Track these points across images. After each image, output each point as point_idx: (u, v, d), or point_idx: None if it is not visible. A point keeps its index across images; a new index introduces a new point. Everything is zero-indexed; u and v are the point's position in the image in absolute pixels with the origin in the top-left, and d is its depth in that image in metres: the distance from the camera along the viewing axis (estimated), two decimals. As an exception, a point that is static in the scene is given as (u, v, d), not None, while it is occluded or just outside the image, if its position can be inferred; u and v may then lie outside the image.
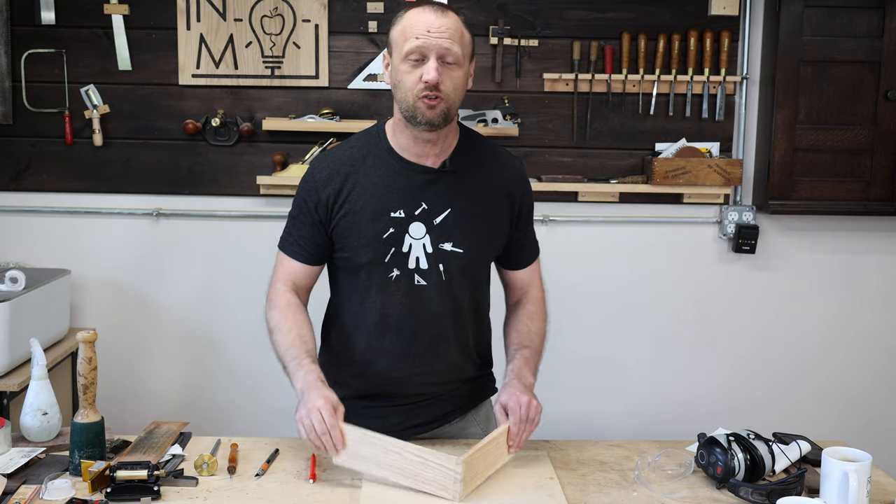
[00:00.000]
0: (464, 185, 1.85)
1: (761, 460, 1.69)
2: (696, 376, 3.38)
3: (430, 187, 1.83)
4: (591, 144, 3.24)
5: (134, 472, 1.61)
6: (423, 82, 1.71)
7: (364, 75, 3.19)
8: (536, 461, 1.79)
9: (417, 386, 1.91)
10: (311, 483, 1.69)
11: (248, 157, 3.21)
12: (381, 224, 1.81)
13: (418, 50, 1.72)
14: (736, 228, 3.27)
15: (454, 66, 1.74)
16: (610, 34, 3.20)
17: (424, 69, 1.72)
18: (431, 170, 1.83)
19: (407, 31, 1.74)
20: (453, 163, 1.85)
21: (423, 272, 1.83)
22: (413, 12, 1.76)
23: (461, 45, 1.75)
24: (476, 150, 1.90)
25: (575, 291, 3.29)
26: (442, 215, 1.82)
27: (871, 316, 3.38)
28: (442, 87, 1.72)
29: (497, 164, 1.91)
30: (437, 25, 1.72)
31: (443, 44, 1.72)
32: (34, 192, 3.22)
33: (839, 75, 3.15)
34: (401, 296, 1.84)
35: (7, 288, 2.74)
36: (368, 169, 1.83)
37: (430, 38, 1.71)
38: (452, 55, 1.73)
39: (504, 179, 1.90)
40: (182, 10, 3.13)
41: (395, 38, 1.77)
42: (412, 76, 1.73)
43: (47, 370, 1.88)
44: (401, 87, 1.75)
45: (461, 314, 1.90)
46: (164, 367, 3.31)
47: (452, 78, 1.74)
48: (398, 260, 1.82)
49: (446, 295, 1.86)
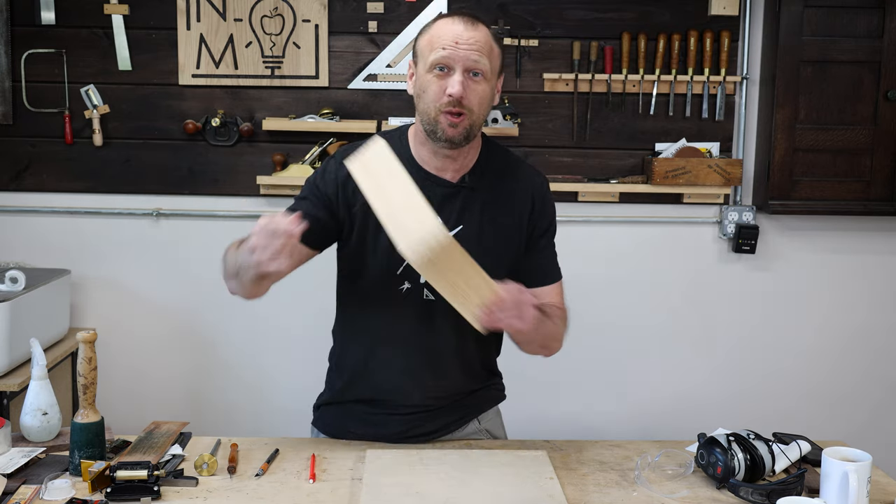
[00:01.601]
0: (480, 202, 1.81)
1: (761, 460, 1.69)
2: (696, 376, 3.38)
3: (447, 202, 1.79)
4: (591, 144, 3.24)
5: (134, 472, 1.61)
6: (448, 95, 1.67)
7: (364, 75, 3.19)
8: (536, 461, 1.79)
9: (419, 398, 1.89)
10: (311, 483, 1.69)
11: (248, 157, 3.21)
12: None
13: (444, 61, 1.67)
14: (736, 228, 3.27)
15: (481, 79, 1.69)
16: (610, 34, 3.20)
17: (449, 82, 1.67)
18: (450, 184, 1.79)
19: (434, 41, 1.69)
20: (472, 179, 1.80)
21: (432, 287, 1.77)
22: (442, 22, 1.71)
23: (490, 59, 1.70)
24: (497, 165, 1.84)
25: (575, 291, 3.26)
26: (454, 231, 1.78)
27: (872, 316, 3.38)
28: (466, 102, 1.68)
29: (517, 180, 1.85)
30: (466, 37, 1.67)
31: (471, 56, 1.67)
32: (34, 192, 3.22)
33: (839, 75, 3.15)
34: (409, 309, 1.81)
35: (7, 288, 2.74)
36: None
37: (458, 50, 1.66)
38: (480, 68, 1.68)
39: (522, 197, 1.84)
40: (182, 10, 3.13)
41: (421, 47, 1.72)
42: (436, 87, 1.68)
43: (47, 370, 1.88)
44: (424, 97, 1.71)
45: (468, 330, 1.83)
46: (164, 367, 3.31)
47: (478, 92, 1.69)
48: (409, 273, 1.78)
49: (454, 311, 1.79)
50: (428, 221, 1.50)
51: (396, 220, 1.54)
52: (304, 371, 2.01)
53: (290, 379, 3.25)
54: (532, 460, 1.79)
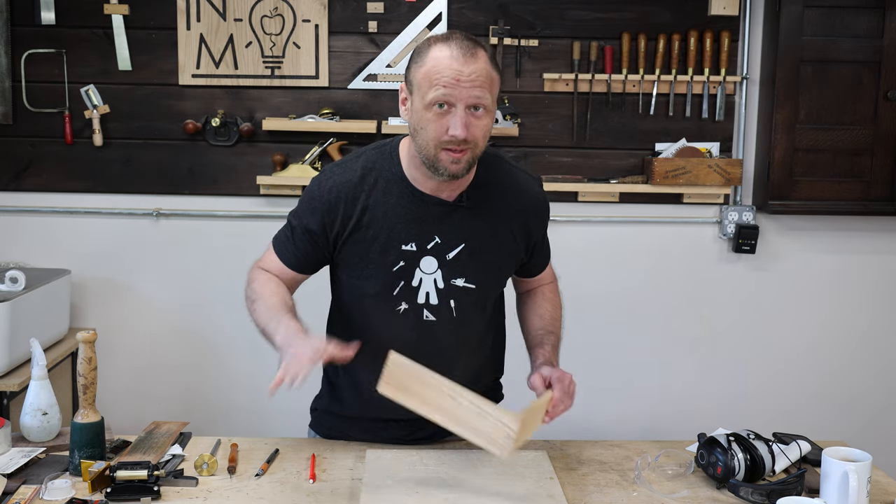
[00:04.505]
0: (480, 218, 1.76)
1: (761, 460, 1.69)
2: (696, 376, 3.38)
3: (445, 221, 1.74)
4: (591, 144, 3.24)
5: (134, 472, 1.61)
6: (450, 136, 1.60)
7: (364, 75, 3.19)
8: (536, 461, 1.79)
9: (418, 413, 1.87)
10: (311, 483, 1.69)
11: (248, 157, 3.21)
12: (391, 256, 1.73)
13: (445, 99, 1.59)
14: (736, 228, 3.27)
15: (482, 113, 1.62)
16: (610, 34, 3.20)
17: (451, 122, 1.60)
18: (447, 202, 1.73)
19: (433, 76, 1.60)
20: (470, 197, 1.75)
21: (432, 308, 1.76)
22: (439, 54, 1.61)
23: (491, 91, 1.62)
24: (493, 179, 1.78)
25: (574, 291, 3.26)
26: (455, 250, 1.74)
27: (872, 316, 3.38)
28: (469, 138, 1.61)
29: (514, 192, 1.80)
30: (466, 73, 1.59)
31: (473, 93, 1.59)
32: (34, 192, 3.22)
33: (839, 75, 3.15)
34: (407, 330, 1.77)
35: (7, 288, 2.74)
36: (379, 196, 1.72)
37: (460, 88, 1.59)
38: (482, 103, 1.61)
39: (521, 209, 1.81)
40: (182, 10, 3.13)
41: (418, 79, 1.63)
42: (437, 126, 1.61)
43: (47, 370, 1.88)
44: (423, 133, 1.63)
45: (470, 344, 1.85)
46: (164, 367, 3.31)
47: (480, 127, 1.63)
48: (407, 294, 1.75)
49: (455, 330, 1.79)
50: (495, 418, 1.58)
51: (465, 428, 1.60)
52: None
53: (290, 379, 3.24)
54: (532, 460, 1.79)
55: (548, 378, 1.73)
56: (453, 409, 1.59)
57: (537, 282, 1.98)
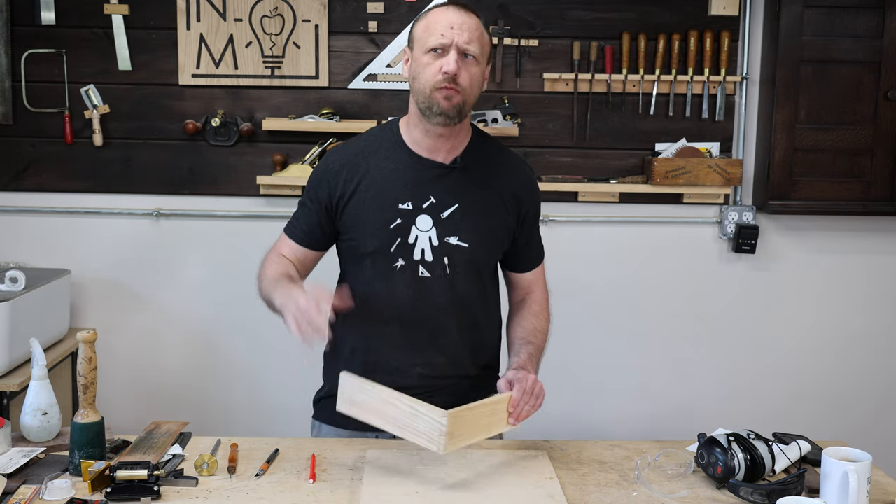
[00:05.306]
0: (473, 182, 1.91)
1: (761, 460, 1.69)
2: (696, 376, 3.38)
3: (440, 181, 1.89)
4: (591, 144, 3.25)
5: (134, 472, 1.61)
6: (443, 73, 1.79)
7: (364, 75, 3.19)
8: (536, 461, 1.79)
9: (416, 378, 1.92)
10: (311, 483, 1.69)
11: (248, 157, 3.21)
12: (388, 214, 1.86)
13: (440, 44, 1.80)
14: (736, 228, 3.27)
15: (472, 62, 1.82)
16: (610, 34, 3.20)
17: (444, 61, 1.79)
18: (442, 165, 1.89)
19: (431, 27, 1.83)
20: (464, 160, 1.90)
21: (427, 264, 1.88)
22: (438, 10, 1.85)
23: (480, 45, 1.83)
24: (487, 150, 1.96)
25: (575, 291, 3.29)
26: (449, 210, 1.88)
27: (872, 316, 3.38)
28: (460, 80, 1.80)
29: (507, 165, 1.97)
30: (459, 23, 1.81)
31: (464, 38, 1.80)
32: (34, 192, 3.22)
33: (839, 75, 3.15)
34: (404, 286, 1.88)
35: (7, 288, 2.74)
36: (381, 161, 1.90)
37: (453, 34, 1.80)
38: (472, 51, 1.81)
39: (513, 181, 1.96)
40: (182, 10, 3.13)
41: (418, 33, 1.85)
42: (432, 68, 1.81)
43: (47, 370, 1.88)
44: (420, 78, 1.83)
45: (464, 309, 1.93)
46: (165, 367, 3.31)
47: (470, 73, 1.82)
48: (403, 250, 1.87)
49: (449, 288, 1.90)
50: (428, 416, 1.63)
51: (406, 431, 1.66)
52: (303, 371, 2.01)
53: (290, 378, 3.24)
54: (532, 460, 1.79)
55: (511, 381, 1.79)
56: (393, 413, 1.67)
57: (528, 285, 2.05)
